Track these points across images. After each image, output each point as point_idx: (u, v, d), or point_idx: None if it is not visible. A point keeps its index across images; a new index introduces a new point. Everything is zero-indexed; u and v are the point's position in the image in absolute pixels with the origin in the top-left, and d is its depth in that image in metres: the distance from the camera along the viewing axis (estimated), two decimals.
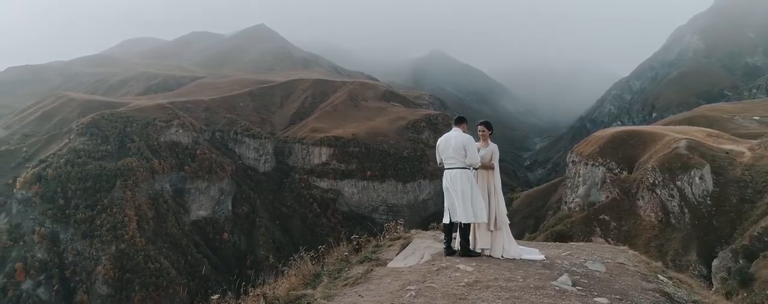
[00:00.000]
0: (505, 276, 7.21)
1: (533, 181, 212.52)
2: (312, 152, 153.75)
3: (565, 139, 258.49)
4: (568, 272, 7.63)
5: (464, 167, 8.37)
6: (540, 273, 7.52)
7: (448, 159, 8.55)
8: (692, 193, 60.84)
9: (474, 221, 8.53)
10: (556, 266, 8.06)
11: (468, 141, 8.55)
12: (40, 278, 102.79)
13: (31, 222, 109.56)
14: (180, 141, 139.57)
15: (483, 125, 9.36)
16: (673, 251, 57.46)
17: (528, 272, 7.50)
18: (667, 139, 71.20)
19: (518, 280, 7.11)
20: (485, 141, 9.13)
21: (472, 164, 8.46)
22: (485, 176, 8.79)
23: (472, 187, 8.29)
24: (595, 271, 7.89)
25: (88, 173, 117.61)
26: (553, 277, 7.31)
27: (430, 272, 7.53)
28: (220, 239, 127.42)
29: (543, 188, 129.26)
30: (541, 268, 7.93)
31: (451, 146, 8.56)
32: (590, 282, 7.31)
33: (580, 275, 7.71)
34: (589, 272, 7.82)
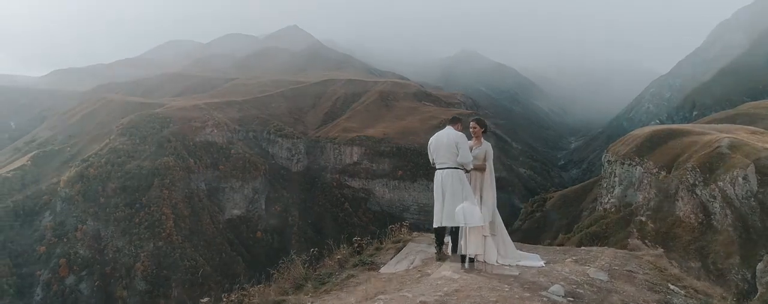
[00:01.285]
0: (491, 285, 6.83)
1: (568, 181, 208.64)
2: (344, 152, 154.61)
3: (600, 138, 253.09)
4: (565, 280, 7.30)
5: (456, 167, 7.84)
6: (532, 282, 7.14)
7: (439, 158, 8.00)
8: (735, 194, 58.65)
9: (464, 225, 8.06)
10: (553, 274, 7.69)
11: (460, 139, 8.01)
12: (82, 274, 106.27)
13: (74, 220, 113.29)
14: (215, 141, 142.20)
15: (475, 122, 8.78)
16: (714, 254, 55.54)
17: (518, 280, 7.15)
18: (708, 138, 68.84)
19: (504, 289, 6.74)
20: (478, 139, 8.49)
21: (464, 163, 7.94)
22: (478, 177, 8.23)
23: (463, 188, 7.82)
24: (597, 279, 7.53)
25: (127, 172, 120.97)
26: (545, 286, 6.96)
27: (412, 280, 7.27)
28: (254, 238, 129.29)
29: (578, 188, 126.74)
30: (535, 275, 7.57)
31: (443, 145, 7.98)
32: (586, 292, 6.93)
33: (577, 284, 7.31)
34: (589, 281, 7.44)
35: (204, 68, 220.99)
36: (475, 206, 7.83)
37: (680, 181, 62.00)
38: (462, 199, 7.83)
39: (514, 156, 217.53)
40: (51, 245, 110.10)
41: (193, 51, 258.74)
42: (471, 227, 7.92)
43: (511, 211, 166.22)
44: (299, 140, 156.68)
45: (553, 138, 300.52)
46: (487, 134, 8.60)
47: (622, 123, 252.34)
